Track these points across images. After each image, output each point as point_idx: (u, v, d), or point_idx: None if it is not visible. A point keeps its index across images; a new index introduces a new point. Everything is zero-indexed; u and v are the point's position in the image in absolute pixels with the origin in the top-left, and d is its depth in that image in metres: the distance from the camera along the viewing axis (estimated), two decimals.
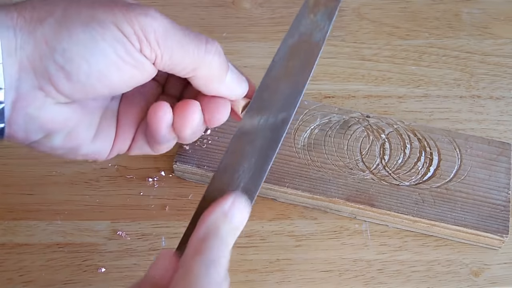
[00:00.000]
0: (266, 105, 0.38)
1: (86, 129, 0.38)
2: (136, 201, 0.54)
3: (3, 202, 0.54)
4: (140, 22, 0.33)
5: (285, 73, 0.39)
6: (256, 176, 0.36)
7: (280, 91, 0.38)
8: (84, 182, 0.55)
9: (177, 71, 0.36)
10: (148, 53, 0.34)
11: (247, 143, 0.37)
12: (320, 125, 0.57)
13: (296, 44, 0.39)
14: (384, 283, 0.51)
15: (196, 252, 0.32)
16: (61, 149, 0.37)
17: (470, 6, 0.69)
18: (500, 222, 0.52)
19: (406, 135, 0.56)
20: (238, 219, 0.34)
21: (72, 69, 0.33)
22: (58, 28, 0.32)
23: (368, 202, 0.52)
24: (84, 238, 0.52)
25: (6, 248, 0.52)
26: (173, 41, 0.35)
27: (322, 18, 0.40)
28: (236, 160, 0.36)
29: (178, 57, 0.35)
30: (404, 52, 0.65)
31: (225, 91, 0.38)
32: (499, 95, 0.62)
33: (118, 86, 0.35)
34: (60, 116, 0.35)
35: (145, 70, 0.35)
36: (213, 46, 0.36)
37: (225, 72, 0.37)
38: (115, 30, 0.33)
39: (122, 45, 0.33)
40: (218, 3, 0.68)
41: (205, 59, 0.36)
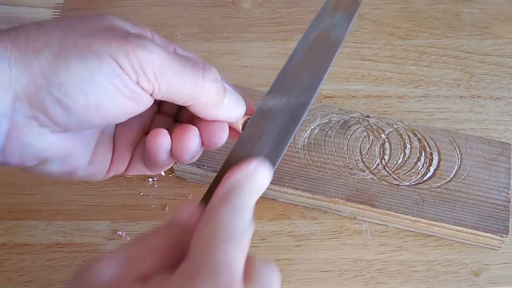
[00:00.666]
0: (287, 89, 0.39)
1: (81, 155, 0.38)
2: (136, 201, 0.54)
3: (3, 202, 0.54)
4: (137, 55, 0.33)
5: (305, 63, 0.40)
6: (277, 148, 0.37)
7: (300, 77, 0.40)
8: (84, 182, 0.55)
9: (175, 101, 0.36)
10: (145, 86, 0.34)
11: (267, 120, 0.38)
12: (320, 125, 0.57)
13: (316, 39, 0.41)
14: (384, 283, 0.51)
15: (221, 201, 0.33)
16: (57, 173, 0.37)
17: (470, 6, 0.69)
18: (500, 222, 0.52)
19: (406, 135, 0.56)
20: (260, 181, 0.35)
21: (69, 102, 0.33)
22: (54, 60, 0.32)
23: (368, 202, 0.52)
24: (84, 238, 0.52)
25: (6, 248, 0.52)
26: (170, 73, 0.34)
27: (341, 19, 0.41)
28: (257, 134, 0.38)
29: (175, 88, 0.35)
30: (404, 52, 0.65)
31: (223, 115, 0.38)
32: (499, 95, 0.62)
33: (115, 117, 0.35)
34: (56, 145, 0.35)
35: (142, 101, 0.35)
36: (210, 74, 0.36)
37: (223, 97, 0.38)
38: (112, 62, 0.33)
39: (119, 78, 0.33)
40: (218, 3, 0.68)
41: (202, 88, 0.36)
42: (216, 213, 0.32)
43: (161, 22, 0.66)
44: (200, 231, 0.31)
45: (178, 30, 0.66)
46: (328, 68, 0.40)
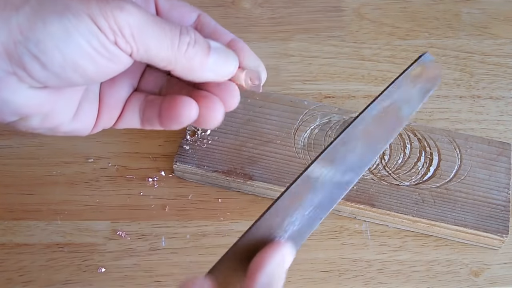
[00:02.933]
0: (339, 160, 0.38)
1: (63, 112, 0.37)
2: (136, 201, 0.54)
3: (3, 202, 0.54)
4: (116, 16, 0.33)
5: (366, 135, 0.38)
6: (306, 228, 0.36)
7: (355, 150, 0.38)
8: (84, 182, 0.55)
9: (154, 64, 0.36)
10: (123, 46, 0.34)
11: (307, 191, 0.37)
12: (320, 125, 0.57)
13: (385, 110, 0.39)
14: (384, 283, 0.51)
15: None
16: (39, 129, 0.37)
17: (470, 6, 0.69)
18: (500, 222, 0.52)
19: (406, 135, 0.56)
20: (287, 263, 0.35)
21: (47, 60, 0.33)
22: (33, 17, 0.32)
23: (368, 202, 0.52)
24: (84, 238, 0.52)
25: (6, 248, 0.51)
26: (148, 35, 0.34)
27: (418, 92, 0.40)
28: (293, 205, 0.36)
29: (153, 51, 0.35)
30: (404, 52, 0.65)
31: (212, 76, 0.37)
32: (499, 95, 0.62)
33: (94, 77, 0.34)
34: (35, 101, 0.35)
35: (121, 62, 0.35)
36: (187, 37, 0.36)
37: (206, 57, 0.37)
38: (90, 22, 0.33)
39: (97, 38, 0.33)
40: (218, 3, 0.68)
41: (179, 51, 0.35)
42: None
43: None
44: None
45: None
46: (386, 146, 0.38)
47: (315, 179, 0.37)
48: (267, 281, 0.33)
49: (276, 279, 0.34)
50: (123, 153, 0.57)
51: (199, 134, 0.55)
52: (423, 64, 0.40)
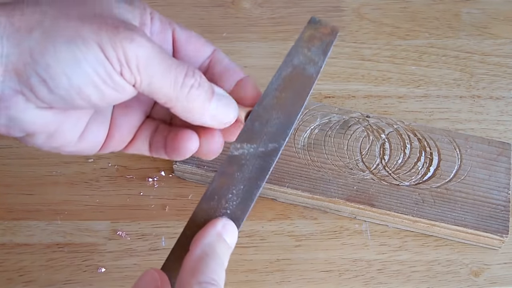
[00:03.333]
0: (257, 135, 0.38)
1: (69, 132, 0.38)
2: (136, 201, 0.54)
3: (3, 202, 0.54)
4: (124, 47, 0.33)
5: (277, 104, 0.39)
6: (243, 205, 0.36)
7: (271, 121, 0.38)
8: (84, 182, 0.55)
9: (155, 99, 0.36)
10: (128, 78, 0.34)
11: (236, 170, 0.37)
12: (320, 125, 0.57)
13: (289, 76, 0.39)
14: (384, 283, 0.51)
15: (194, 272, 0.32)
16: (45, 147, 0.38)
17: (470, 6, 0.69)
18: (500, 222, 0.52)
19: (406, 135, 0.56)
20: (230, 240, 0.35)
21: (53, 84, 0.33)
22: (43, 42, 0.33)
23: (368, 202, 0.52)
24: (84, 238, 0.52)
25: (6, 248, 0.51)
26: (154, 69, 0.35)
27: (316, 52, 0.40)
28: (225, 185, 0.37)
29: (156, 86, 0.35)
30: (404, 52, 0.65)
31: (210, 121, 0.37)
32: (499, 95, 0.62)
33: (97, 103, 0.35)
34: (41, 120, 0.35)
35: (125, 92, 0.35)
36: (191, 79, 0.36)
37: (208, 102, 0.37)
38: (98, 51, 0.33)
39: (103, 67, 0.33)
40: (218, 3, 0.68)
41: (182, 93, 0.36)
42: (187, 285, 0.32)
43: None
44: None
45: None
46: (300, 111, 0.38)
47: (240, 156, 0.37)
48: (201, 253, 0.33)
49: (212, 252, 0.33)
50: (123, 153, 0.56)
51: None
52: (313, 27, 0.40)
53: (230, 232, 0.35)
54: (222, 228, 0.35)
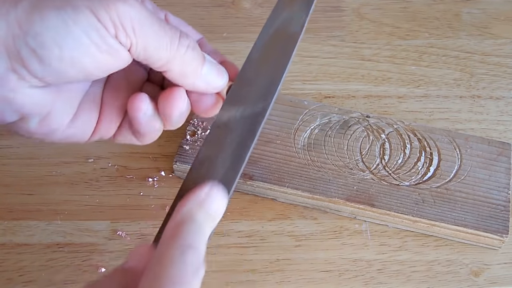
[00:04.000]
0: (243, 97, 0.37)
1: (62, 113, 0.37)
2: (136, 201, 0.54)
3: (3, 202, 0.54)
4: (118, 9, 0.33)
5: (262, 65, 0.38)
6: (233, 167, 0.35)
7: (257, 82, 0.38)
8: (84, 182, 0.55)
9: (151, 62, 0.36)
10: (123, 40, 0.34)
11: (224, 134, 0.36)
12: (320, 125, 0.57)
13: (273, 35, 0.39)
14: (384, 283, 0.51)
15: (171, 237, 0.31)
16: (37, 133, 0.37)
17: (470, 6, 0.69)
18: (500, 222, 0.52)
19: (406, 135, 0.56)
20: (214, 208, 0.33)
21: (44, 53, 0.32)
22: (31, 11, 0.32)
23: (368, 202, 0.52)
24: (84, 238, 0.52)
25: (6, 248, 0.51)
26: (148, 30, 0.34)
27: (299, 9, 0.40)
28: (213, 152, 0.36)
29: (152, 47, 0.35)
30: (404, 52, 0.65)
31: (203, 85, 0.38)
32: (499, 95, 0.62)
33: (92, 71, 0.34)
34: (35, 100, 0.35)
35: (120, 57, 0.34)
36: (186, 40, 0.36)
37: (200, 65, 0.37)
38: (90, 15, 0.33)
39: (96, 31, 0.33)
40: (218, 3, 0.68)
41: (178, 52, 0.36)
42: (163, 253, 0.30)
43: None
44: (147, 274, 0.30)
45: None
46: (286, 68, 0.38)
47: (227, 121, 0.37)
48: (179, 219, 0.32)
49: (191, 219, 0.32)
50: (123, 153, 0.57)
51: (199, 134, 0.55)
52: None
53: (214, 198, 0.33)
54: (205, 195, 0.33)
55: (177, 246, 0.31)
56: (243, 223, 0.53)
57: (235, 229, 0.53)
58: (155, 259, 0.30)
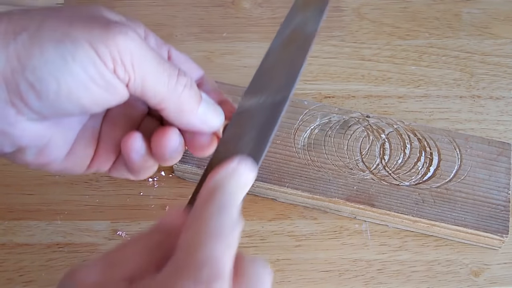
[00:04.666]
0: (264, 88, 0.39)
1: (59, 146, 0.37)
2: (136, 201, 0.54)
3: (3, 202, 0.54)
4: (118, 43, 0.33)
5: (281, 60, 0.40)
6: (259, 144, 0.37)
7: (277, 75, 0.39)
8: (84, 182, 0.55)
9: (147, 99, 0.36)
10: (121, 75, 0.34)
11: (247, 120, 0.38)
12: (320, 125, 0.57)
13: (290, 35, 0.41)
14: (384, 283, 0.51)
15: (206, 200, 0.32)
16: (33, 164, 0.37)
17: (470, 6, 0.69)
18: (500, 222, 0.52)
19: (406, 135, 0.56)
20: (244, 178, 0.35)
21: (42, 88, 0.32)
22: (30, 44, 0.32)
23: (368, 202, 0.52)
24: (84, 238, 0.52)
25: (6, 248, 0.52)
26: (147, 66, 0.34)
27: (312, 14, 0.42)
28: (238, 133, 0.37)
29: (150, 83, 0.35)
30: (404, 52, 0.65)
31: (199, 124, 0.38)
32: (499, 95, 0.62)
33: (89, 106, 0.34)
34: (32, 132, 0.35)
35: (117, 93, 0.34)
36: (184, 79, 0.36)
37: (197, 104, 0.37)
38: (89, 49, 0.32)
39: (94, 66, 0.33)
40: (218, 3, 0.68)
41: (175, 90, 0.36)
42: (201, 212, 0.32)
43: (161, 22, 0.66)
44: (186, 231, 0.31)
45: (178, 30, 0.66)
46: (303, 63, 0.39)
47: (248, 108, 0.38)
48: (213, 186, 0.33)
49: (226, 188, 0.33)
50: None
51: None
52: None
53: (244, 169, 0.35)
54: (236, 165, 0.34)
55: (213, 206, 0.32)
56: (243, 223, 0.53)
57: None
58: (191, 220, 0.32)
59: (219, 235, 0.30)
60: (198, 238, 0.30)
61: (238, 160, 0.35)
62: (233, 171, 0.34)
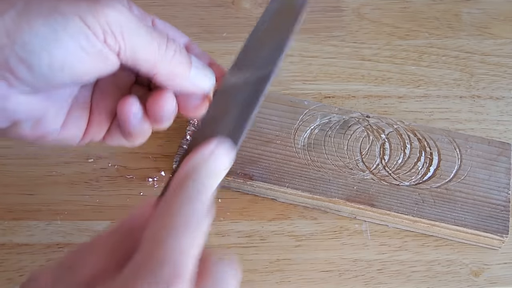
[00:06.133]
0: (248, 64, 0.39)
1: (53, 118, 0.38)
2: (136, 201, 0.54)
3: (3, 202, 0.54)
4: (106, 15, 0.34)
5: (267, 36, 0.40)
6: (239, 125, 0.37)
7: (262, 50, 0.39)
8: (84, 182, 0.55)
9: (139, 66, 0.36)
10: (112, 45, 0.34)
11: (229, 97, 0.38)
12: (320, 125, 0.57)
13: (278, 9, 0.41)
14: (384, 283, 0.51)
15: (175, 190, 0.32)
16: (29, 136, 0.38)
17: (470, 6, 0.69)
18: (500, 222, 0.52)
19: (406, 135, 0.56)
20: (219, 163, 0.34)
21: (34, 61, 0.33)
22: (18, 20, 0.32)
23: (368, 202, 0.52)
24: (84, 238, 0.52)
25: (6, 248, 0.51)
26: (136, 35, 0.35)
27: None
28: (219, 112, 0.37)
29: (140, 51, 0.35)
30: (404, 52, 0.65)
31: (191, 87, 0.39)
32: (499, 95, 0.62)
33: (81, 76, 0.35)
34: (26, 106, 0.35)
35: (109, 61, 0.35)
36: (173, 45, 0.37)
37: (188, 68, 0.38)
38: (78, 21, 0.33)
39: (85, 36, 0.33)
40: (218, 3, 0.68)
41: (165, 56, 0.37)
42: (169, 204, 0.31)
43: None
44: (151, 225, 0.30)
45: None
46: (288, 38, 0.39)
47: (232, 85, 0.38)
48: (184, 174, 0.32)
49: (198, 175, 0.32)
50: (123, 153, 0.57)
51: None
52: None
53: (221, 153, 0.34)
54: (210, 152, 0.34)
55: (182, 196, 0.31)
56: (243, 223, 0.53)
57: (235, 229, 0.53)
58: (159, 210, 0.31)
59: (184, 229, 0.29)
60: (162, 233, 0.29)
61: (214, 144, 0.34)
62: (209, 155, 0.34)
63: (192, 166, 0.33)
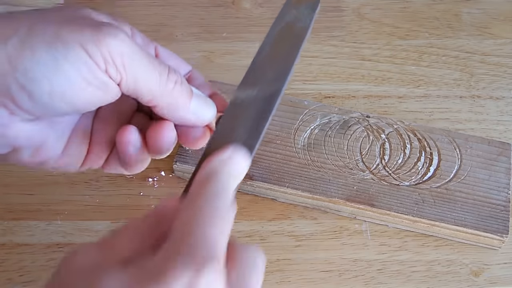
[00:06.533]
0: (257, 81, 0.39)
1: (53, 145, 0.38)
2: (136, 201, 0.54)
3: (3, 202, 0.54)
4: (108, 44, 0.33)
5: (274, 54, 0.41)
6: (253, 135, 0.37)
7: (270, 69, 0.40)
8: (84, 182, 0.55)
9: (139, 97, 0.36)
10: (113, 75, 0.34)
11: (241, 111, 0.38)
12: (320, 125, 0.57)
13: (283, 30, 0.41)
14: (384, 283, 0.51)
15: (200, 187, 0.33)
16: (30, 162, 0.38)
17: (470, 6, 0.69)
18: (500, 222, 0.52)
19: (406, 135, 0.56)
20: (238, 166, 0.35)
21: (34, 89, 0.33)
22: (21, 47, 0.32)
23: (368, 202, 0.52)
24: (84, 238, 0.52)
25: (6, 248, 0.52)
26: (138, 65, 0.35)
27: (305, 9, 0.42)
28: (232, 124, 0.38)
29: (141, 82, 0.35)
30: (404, 52, 0.65)
31: (192, 118, 0.38)
32: (499, 95, 0.62)
33: (82, 105, 0.35)
34: (26, 133, 0.35)
35: (110, 91, 0.35)
36: (174, 76, 0.37)
37: (189, 99, 0.38)
38: (80, 50, 0.33)
39: (87, 66, 0.33)
40: (218, 3, 0.68)
41: (166, 87, 0.36)
42: (196, 197, 0.32)
43: (161, 22, 0.66)
44: (181, 214, 0.31)
45: (178, 30, 0.66)
46: (296, 57, 0.40)
47: (242, 100, 0.39)
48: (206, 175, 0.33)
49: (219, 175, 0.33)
50: None
51: None
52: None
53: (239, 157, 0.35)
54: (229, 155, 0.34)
55: (207, 192, 0.32)
56: (243, 223, 0.53)
57: (235, 229, 0.53)
58: (187, 203, 0.32)
59: (213, 219, 0.31)
60: (193, 221, 0.31)
61: (232, 149, 0.35)
62: (227, 159, 0.34)
63: (213, 168, 0.34)
